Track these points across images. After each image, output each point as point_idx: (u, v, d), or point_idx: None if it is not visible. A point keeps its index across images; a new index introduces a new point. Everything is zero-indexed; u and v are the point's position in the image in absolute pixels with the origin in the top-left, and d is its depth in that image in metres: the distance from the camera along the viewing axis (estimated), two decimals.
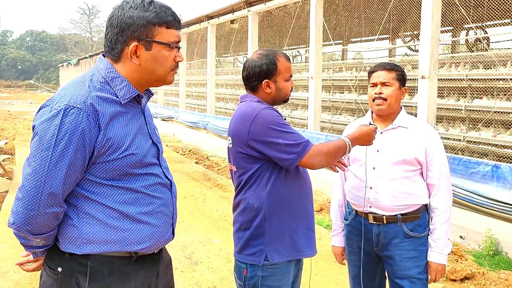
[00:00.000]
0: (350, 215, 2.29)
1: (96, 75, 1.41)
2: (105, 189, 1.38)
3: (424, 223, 2.14)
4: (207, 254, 4.16)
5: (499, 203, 4.32)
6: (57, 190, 1.30)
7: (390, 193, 2.10)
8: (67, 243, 1.38)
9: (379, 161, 2.14)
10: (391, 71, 2.16)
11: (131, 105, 1.45)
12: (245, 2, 10.06)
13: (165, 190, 1.51)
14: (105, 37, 1.44)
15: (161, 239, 1.49)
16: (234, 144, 1.88)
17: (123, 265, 1.41)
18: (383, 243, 2.15)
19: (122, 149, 1.36)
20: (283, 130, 1.79)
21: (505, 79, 6.33)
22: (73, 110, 1.29)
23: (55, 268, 1.39)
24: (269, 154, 1.79)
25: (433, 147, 2.11)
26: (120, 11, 1.39)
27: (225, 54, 19.71)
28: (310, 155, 1.78)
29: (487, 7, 7.90)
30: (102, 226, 1.37)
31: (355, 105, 9.43)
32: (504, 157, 6.42)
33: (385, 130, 2.18)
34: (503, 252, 4.08)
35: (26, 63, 61.18)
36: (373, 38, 13.21)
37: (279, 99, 1.96)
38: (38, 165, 1.28)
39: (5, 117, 18.41)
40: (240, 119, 1.85)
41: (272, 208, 1.84)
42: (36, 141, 1.30)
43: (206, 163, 9.06)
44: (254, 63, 1.92)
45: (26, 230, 1.33)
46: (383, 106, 2.14)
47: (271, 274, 1.85)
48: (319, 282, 3.63)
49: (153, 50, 1.40)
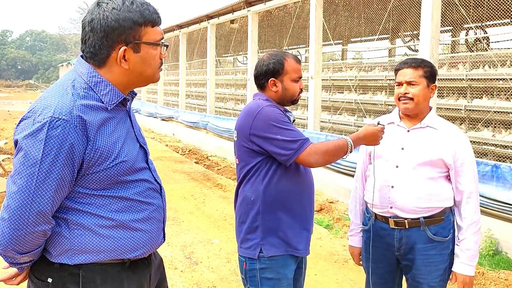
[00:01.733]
0: (369, 220, 2.17)
1: (78, 80, 1.32)
2: (97, 199, 1.32)
3: (448, 226, 2.04)
4: (207, 254, 4.16)
5: (499, 203, 4.32)
6: (46, 208, 1.22)
7: (413, 194, 2.00)
8: (58, 254, 1.31)
9: (403, 160, 2.04)
10: (418, 69, 2.02)
11: (117, 109, 1.38)
12: (245, 2, 10.05)
13: (156, 195, 1.48)
14: (84, 42, 1.33)
15: (154, 244, 1.48)
16: (239, 138, 1.96)
17: (116, 272, 1.37)
18: (405, 248, 2.05)
19: (112, 158, 1.30)
20: (283, 127, 1.84)
21: (505, 79, 6.33)
22: (59, 122, 1.20)
23: (44, 279, 1.32)
24: (268, 149, 1.85)
25: (463, 152, 2.00)
26: (101, 14, 1.28)
27: (225, 54, 19.70)
28: (307, 152, 1.82)
29: (487, 7, 7.90)
30: (95, 236, 1.32)
31: (355, 105, 9.44)
32: (504, 157, 6.42)
33: (413, 128, 2.08)
34: (503, 252, 4.08)
35: (26, 63, 61.18)
36: (373, 38, 13.20)
37: (286, 99, 2.01)
38: (24, 182, 1.20)
39: (5, 117, 18.41)
40: (245, 115, 1.93)
41: (268, 203, 1.89)
42: (20, 157, 1.21)
43: (206, 163, 9.06)
44: (262, 62, 2.01)
45: (13, 250, 1.24)
46: (410, 105, 2.02)
47: (269, 266, 1.90)
48: (319, 282, 3.63)
49: (141, 51, 1.34)
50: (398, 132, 2.12)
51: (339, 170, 6.37)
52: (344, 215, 5.43)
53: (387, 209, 2.07)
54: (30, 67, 61.08)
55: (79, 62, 1.36)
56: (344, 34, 13.80)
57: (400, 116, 2.14)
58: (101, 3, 1.31)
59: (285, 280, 1.92)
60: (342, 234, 4.76)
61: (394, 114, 2.18)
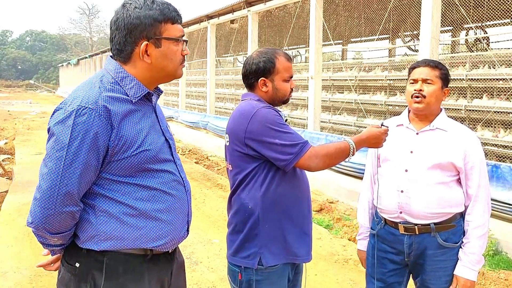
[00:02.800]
0: (378, 225, 2.11)
1: (106, 76, 1.44)
2: (121, 186, 1.41)
3: (459, 231, 1.98)
4: (207, 254, 4.16)
5: (499, 203, 4.31)
6: (73, 189, 1.33)
7: (423, 199, 1.94)
8: (86, 240, 1.40)
9: (412, 164, 1.99)
10: (435, 69, 1.99)
11: (142, 103, 1.48)
12: (245, 2, 10.05)
13: (180, 187, 1.54)
14: (111, 40, 1.46)
15: (177, 236, 1.51)
16: (231, 142, 1.84)
17: (138, 264, 1.44)
18: (415, 254, 2.00)
19: (135, 146, 1.39)
20: (281, 130, 1.74)
21: (505, 79, 6.33)
22: (85, 110, 1.32)
23: (73, 264, 1.42)
24: (266, 154, 1.75)
25: (473, 155, 1.94)
26: (125, 13, 1.41)
27: (225, 54, 19.71)
28: (307, 157, 1.74)
29: (487, 7, 7.90)
30: (119, 223, 1.40)
31: (355, 105, 9.44)
32: (504, 157, 6.42)
33: (422, 131, 2.02)
34: (503, 252, 4.08)
35: (26, 63, 61.17)
36: (373, 38, 13.21)
37: (277, 99, 1.91)
38: (54, 165, 1.31)
39: (5, 117, 18.40)
40: (238, 117, 1.82)
41: (267, 210, 1.79)
42: (51, 142, 1.34)
43: (206, 163, 9.06)
44: (252, 60, 1.89)
45: (44, 229, 1.35)
46: (422, 104, 1.97)
47: (267, 277, 1.81)
48: (319, 282, 3.63)
49: (162, 46, 1.43)
50: (407, 135, 2.07)
51: (339, 170, 6.37)
52: (344, 215, 5.43)
53: (396, 214, 2.02)
54: (30, 67, 61.05)
55: (107, 60, 1.49)
56: (344, 34, 13.80)
57: (410, 118, 2.09)
58: (125, 4, 1.43)
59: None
60: (342, 234, 4.76)
61: (403, 116, 2.13)
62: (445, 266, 1.98)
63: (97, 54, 28.75)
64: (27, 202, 5.69)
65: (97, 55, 28.82)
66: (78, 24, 62.18)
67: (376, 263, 2.12)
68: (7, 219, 5.12)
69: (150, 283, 1.46)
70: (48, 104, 27.51)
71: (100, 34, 62.60)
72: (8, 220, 5.07)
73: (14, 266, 3.81)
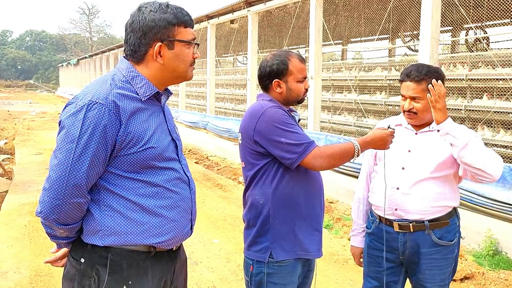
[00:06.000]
0: (373, 223, 2.15)
1: (118, 74, 1.49)
2: (126, 182, 1.44)
3: (453, 230, 2.02)
4: (207, 254, 4.16)
5: (499, 203, 4.32)
6: (81, 181, 1.37)
7: (419, 194, 1.98)
8: (90, 235, 1.44)
9: (410, 162, 2.02)
10: (421, 82, 1.96)
11: (151, 102, 1.52)
12: (245, 2, 10.05)
13: (184, 186, 1.57)
14: (126, 42, 1.51)
15: (180, 233, 1.54)
16: (243, 140, 1.92)
17: (141, 260, 1.47)
18: (410, 252, 2.03)
19: (142, 143, 1.43)
20: (287, 129, 1.80)
21: (505, 79, 6.33)
22: (95, 105, 1.37)
23: (78, 259, 1.46)
24: (272, 152, 1.82)
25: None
26: (140, 16, 1.47)
27: (225, 54, 19.71)
28: (311, 156, 1.78)
29: (487, 7, 7.90)
30: (122, 218, 1.43)
31: (355, 105, 9.44)
32: (504, 157, 6.42)
33: (421, 132, 2.07)
34: (503, 252, 4.08)
35: (26, 63, 61.19)
36: (373, 38, 13.20)
37: (291, 100, 1.97)
38: (64, 157, 1.36)
39: (4, 117, 18.40)
40: (249, 116, 1.90)
41: (277, 206, 1.85)
42: (62, 134, 1.38)
43: (206, 163, 9.06)
44: (266, 63, 1.96)
45: (52, 219, 1.39)
46: (415, 120, 2.03)
47: (277, 271, 1.86)
48: (319, 282, 3.63)
49: (175, 48, 1.49)
50: (405, 134, 2.09)
51: (339, 170, 6.37)
52: (344, 215, 5.43)
53: (391, 212, 2.04)
54: (30, 67, 61.07)
55: (120, 60, 1.55)
56: (344, 34, 13.80)
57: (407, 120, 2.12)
58: (141, 7, 1.50)
59: (291, 285, 1.90)
60: (342, 234, 4.76)
61: (401, 116, 2.15)
62: (439, 264, 2.00)
63: (97, 54, 28.76)
64: (27, 202, 5.70)
65: (97, 55, 28.84)
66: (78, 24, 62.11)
67: (371, 262, 2.15)
68: (7, 219, 5.11)
69: (153, 280, 1.49)
70: (48, 104, 27.52)
71: (100, 34, 62.62)
72: (8, 220, 5.07)
73: (14, 266, 3.81)
